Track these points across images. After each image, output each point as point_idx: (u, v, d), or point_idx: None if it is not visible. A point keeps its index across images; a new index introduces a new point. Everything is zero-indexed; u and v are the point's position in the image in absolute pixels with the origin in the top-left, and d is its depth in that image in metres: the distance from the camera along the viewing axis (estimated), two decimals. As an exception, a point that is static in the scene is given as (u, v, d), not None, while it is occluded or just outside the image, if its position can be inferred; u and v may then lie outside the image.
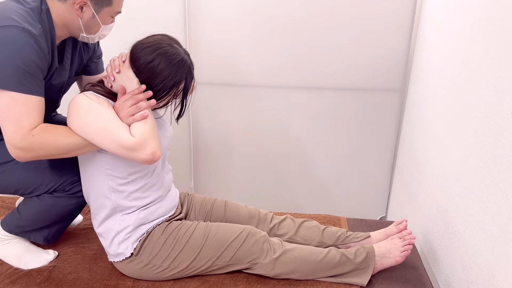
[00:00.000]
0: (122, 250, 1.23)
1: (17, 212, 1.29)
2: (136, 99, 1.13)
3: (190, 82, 1.22)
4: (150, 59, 1.14)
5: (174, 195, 1.38)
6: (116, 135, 1.09)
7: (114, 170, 1.19)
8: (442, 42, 1.51)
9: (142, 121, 1.12)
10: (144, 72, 1.15)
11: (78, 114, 1.11)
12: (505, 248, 0.99)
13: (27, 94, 1.06)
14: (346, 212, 2.21)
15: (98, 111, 1.11)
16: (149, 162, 1.11)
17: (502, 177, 1.02)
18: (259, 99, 2.08)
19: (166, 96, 1.19)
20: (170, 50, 1.16)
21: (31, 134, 1.07)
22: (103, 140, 1.10)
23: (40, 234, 1.34)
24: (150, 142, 1.10)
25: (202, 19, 1.96)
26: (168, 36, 1.21)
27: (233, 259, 1.26)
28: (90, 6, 1.15)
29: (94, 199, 1.24)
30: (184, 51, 1.21)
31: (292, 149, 2.15)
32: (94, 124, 1.10)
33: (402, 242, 1.33)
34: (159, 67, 1.14)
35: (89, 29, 1.21)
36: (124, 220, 1.23)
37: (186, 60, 1.19)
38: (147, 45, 1.16)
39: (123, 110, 1.13)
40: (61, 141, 1.10)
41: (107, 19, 1.22)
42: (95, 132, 1.10)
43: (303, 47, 1.95)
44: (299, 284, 1.27)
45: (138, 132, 1.10)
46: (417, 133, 1.75)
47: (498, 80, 1.06)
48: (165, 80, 1.15)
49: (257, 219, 1.43)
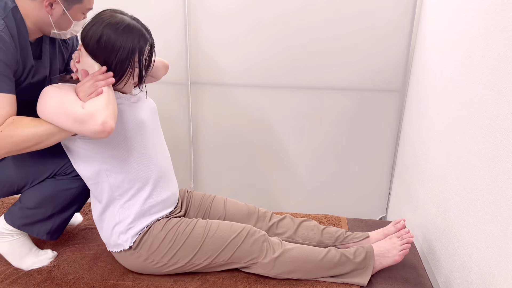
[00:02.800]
0: (121, 242, 1.24)
1: (19, 202, 1.29)
2: (94, 79, 1.12)
3: (145, 45, 1.18)
4: (98, 36, 1.13)
5: (175, 190, 1.38)
6: (68, 109, 1.07)
7: (102, 153, 1.19)
8: (442, 42, 1.51)
9: (97, 96, 1.11)
10: (98, 52, 1.14)
11: (41, 100, 1.11)
12: (505, 248, 0.99)
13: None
14: (346, 212, 2.21)
15: (57, 91, 1.11)
16: (101, 134, 1.06)
17: (502, 177, 1.02)
18: (259, 99, 2.08)
19: (128, 69, 1.17)
20: (113, 20, 1.15)
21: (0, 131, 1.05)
22: (59, 116, 1.07)
23: (44, 226, 1.31)
24: (100, 113, 1.06)
25: (202, 19, 1.96)
26: (109, 9, 1.19)
27: (232, 258, 1.26)
28: (60, 3, 1.15)
29: (94, 187, 1.25)
30: (131, 17, 1.19)
31: (292, 149, 2.15)
32: (52, 104, 1.09)
33: (400, 241, 1.33)
34: (108, 40, 1.13)
35: (60, 25, 1.20)
36: (126, 210, 1.23)
37: (134, 25, 1.16)
38: (91, 24, 1.15)
39: (82, 90, 1.12)
40: (28, 131, 1.07)
41: (78, 15, 1.21)
42: (53, 111, 1.08)
43: (303, 47, 1.95)
44: (299, 284, 1.27)
45: (89, 105, 1.08)
46: (417, 133, 1.75)
47: (498, 80, 1.06)
48: (119, 51, 1.14)
49: (256, 216, 1.43)
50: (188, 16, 1.95)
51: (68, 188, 1.30)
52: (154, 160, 1.29)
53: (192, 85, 2.08)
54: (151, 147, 1.29)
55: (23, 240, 1.33)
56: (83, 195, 1.36)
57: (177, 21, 1.96)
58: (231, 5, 1.92)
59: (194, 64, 2.04)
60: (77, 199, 1.35)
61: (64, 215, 1.35)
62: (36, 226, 1.31)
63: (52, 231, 1.34)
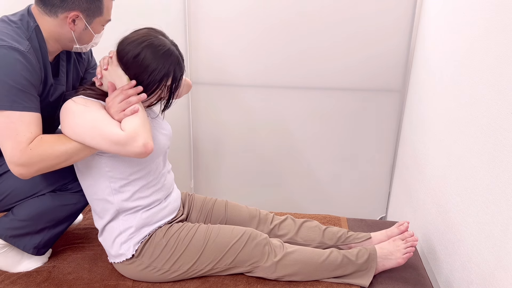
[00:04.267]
0: (123, 251, 1.23)
1: (11, 213, 1.26)
2: (125, 94, 1.12)
3: (179, 74, 1.20)
4: (136, 53, 1.13)
5: (177, 196, 1.37)
6: (106, 132, 1.07)
7: (115, 171, 1.19)
8: (442, 42, 1.51)
9: (132, 115, 1.11)
10: (132, 67, 1.14)
11: (68, 119, 1.11)
12: (505, 248, 0.99)
13: (22, 111, 1.06)
14: (346, 212, 2.21)
15: (86, 111, 1.10)
16: (142, 155, 1.08)
17: (502, 177, 1.02)
18: (259, 99, 2.08)
19: (156, 90, 1.17)
20: (156, 41, 1.15)
21: (28, 148, 1.06)
22: (95, 138, 1.08)
23: (32, 240, 1.27)
24: (141, 134, 1.07)
25: (202, 19, 1.96)
26: (153, 29, 1.20)
27: (234, 262, 1.26)
28: (82, 19, 1.16)
29: (97, 203, 1.24)
30: (171, 42, 1.19)
31: (292, 149, 2.15)
32: (84, 124, 1.09)
33: (404, 244, 1.33)
34: (146, 60, 1.13)
35: (82, 40, 1.21)
36: (127, 221, 1.23)
37: (173, 51, 1.17)
38: (132, 39, 1.15)
39: (113, 106, 1.12)
40: (57, 149, 1.08)
41: (99, 28, 1.22)
42: (86, 132, 1.08)
43: (303, 47, 1.95)
44: (299, 284, 1.27)
45: (127, 126, 1.08)
46: (417, 133, 1.75)
47: (498, 80, 1.06)
48: (153, 73, 1.14)
49: (257, 219, 1.43)
50: (188, 17, 1.95)
51: (66, 204, 1.28)
52: (162, 180, 1.29)
53: (192, 85, 2.08)
54: (161, 167, 1.30)
55: (11, 249, 1.29)
56: (78, 212, 1.34)
57: (177, 22, 1.96)
58: (231, 6, 1.92)
59: (194, 64, 2.04)
60: (72, 216, 1.32)
61: (55, 230, 1.31)
62: (24, 239, 1.27)
63: (40, 246, 1.29)
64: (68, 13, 1.13)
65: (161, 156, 1.29)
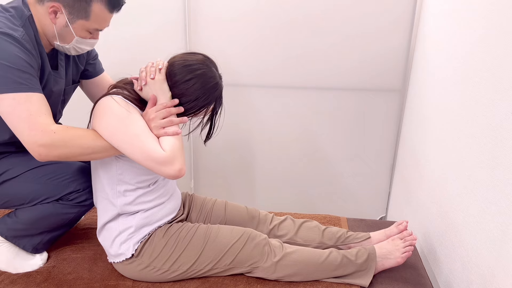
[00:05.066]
0: (123, 251, 1.23)
1: (14, 215, 1.28)
2: (168, 112, 1.13)
3: (219, 105, 1.24)
4: (187, 78, 1.15)
5: (177, 196, 1.38)
6: (146, 146, 1.08)
7: (124, 175, 1.20)
8: (442, 42, 1.51)
9: (173, 136, 1.13)
10: (179, 88, 1.16)
11: (108, 119, 1.11)
12: (505, 248, 0.99)
13: (27, 92, 1.05)
14: (346, 212, 2.21)
15: (131, 119, 1.11)
16: (174, 178, 1.11)
17: (502, 177, 1.02)
18: (258, 99, 2.08)
19: (193, 115, 1.21)
20: (209, 73, 1.18)
21: (52, 131, 1.05)
22: (133, 149, 1.09)
23: (31, 241, 1.30)
24: (178, 159, 1.11)
25: (202, 19, 1.96)
26: (208, 58, 1.22)
27: (233, 263, 1.26)
28: (64, 14, 1.14)
29: (100, 200, 1.25)
30: (219, 76, 1.22)
31: (291, 149, 2.15)
32: (125, 131, 1.09)
33: (403, 243, 1.33)
34: (194, 87, 1.16)
35: (63, 37, 1.18)
36: (127, 221, 1.23)
37: (220, 85, 1.21)
38: (188, 63, 1.17)
39: (154, 120, 1.13)
40: (85, 142, 1.09)
41: (83, 32, 1.18)
42: (125, 140, 1.09)
43: (303, 47, 1.95)
44: (299, 284, 1.27)
45: (169, 147, 1.10)
46: (417, 133, 1.75)
47: (498, 80, 1.06)
48: (197, 100, 1.17)
49: (257, 220, 1.43)
50: (188, 18, 1.95)
51: (67, 212, 1.29)
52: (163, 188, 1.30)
53: (192, 85, 2.08)
54: None
55: (10, 247, 1.31)
56: (77, 220, 1.37)
57: (177, 23, 1.96)
58: (231, 7, 1.92)
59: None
60: (71, 223, 1.35)
61: (54, 233, 1.34)
62: (24, 239, 1.30)
63: (38, 246, 1.33)
64: (51, 3, 1.12)
65: None
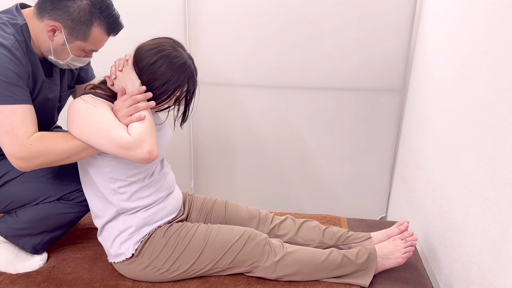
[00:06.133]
0: (123, 251, 1.23)
1: (14, 214, 1.28)
2: (134, 99, 1.12)
3: (193, 87, 1.22)
4: (152, 61, 1.14)
5: (178, 197, 1.37)
6: (113, 135, 1.08)
7: (115, 173, 1.19)
8: (442, 42, 1.51)
9: (139, 122, 1.12)
10: (146, 73, 1.15)
11: (76, 118, 1.11)
12: (505, 248, 0.99)
13: (13, 105, 1.07)
14: (346, 212, 2.21)
15: (95, 112, 1.11)
16: (146, 161, 1.10)
17: (502, 177, 1.02)
18: (259, 99, 2.08)
19: (167, 100, 1.19)
20: (173, 53, 1.16)
21: (28, 143, 1.06)
22: (101, 140, 1.09)
23: (31, 241, 1.30)
24: (146, 141, 1.09)
25: (202, 19, 1.96)
26: (172, 39, 1.21)
27: (233, 262, 1.26)
28: (63, 33, 1.15)
29: (96, 203, 1.24)
30: (188, 56, 1.20)
31: (292, 149, 2.15)
32: (92, 125, 1.10)
33: (404, 243, 1.33)
34: (161, 69, 1.14)
35: (58, 54, 1.20)
36: (127, 220, 1.23)
37: (189, 65, 1.19)
38: (151, 47, 1.16)
39: (121, 110, 1.13)
40: (60, 147, 1.09)
41: (79, 52, 1.21)
42: (93, 133, 1.09)
43: (303, 47, 1.95)
44: (299, 284, 1.27)
45: (134, 131, 1.10)
46: (417, 133, 1.75)
47: (498, 80, 1.06)
48: (167, 83, 1.15)
49: (257, 219, 1.43)
50: (188, 18, 1.95)
51: (67, 212, 1.30)
52: (162, 180, 1.30)
53: (192, 85, 2.08)
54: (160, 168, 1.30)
55: (10, 247, 1.31)
56: (78, 220, 1.37)
57: (177, 23, 1.96)
58: (230, 6, 1.92)
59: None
60: (71, 222, 1.35)
61: (54, 233, 1.34)
62: (23, 239, 1.30)
63: (38, 246, 1.32)
64: (51, 22, 1.14)
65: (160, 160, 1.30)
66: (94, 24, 1.16)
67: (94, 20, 1.15)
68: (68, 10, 1.12)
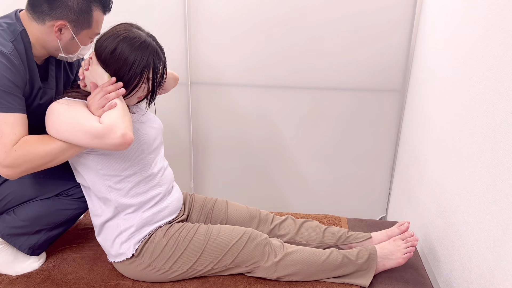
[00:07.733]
0: (123, 251, 1.23)
1: (12, 212, 1.27)
2: (105, 90, 1.12)
3: (159, 64, 1.19)
4: (112, 48, 1.13)
5: (179, 197, 1.37)
6: (85, 126, 1.08)
7: (106, 169, 1.19)
8: (443, 42, 1.51)
9: (110, 109, 1.11)
10: (110, 62, 1.14)
11: (52, 119, 1.11)
12: (505, 248, 0.99)
13: (5, 113, 1.07)
14: (346, 212, 2.21)
15: (68, 110, 1.11)
16: (122, 146, 1.07)
17: (502, 177, 1.02)
18: (259, 99, 2.08)
19: (139, 83, 1.17)
20: (131, 34, 1.15)
21: (13, 150, 1.06)
22: (76, 134, 1.08)
23: (28, 241, 1.29)
24: (118, 125, 1.07)
25: (202, 18, 1.96)
26: (127, 23, 1.20)
27: (234, 263, 1.26)
28: (69, 29, 1.16)
29: (95, 202, 1.24)
30: (148, 34, 1.19)
31: (292, 149, 2.15)
32: (65, 122, 1.09)
33: (404, 244, 1.33)
34: (123, 54, 1.13)
35: (68, 49, 1.22)
36: (128, 220, 1.23)
37: (150, 42, 1.17)
38: (107, 36, 1.16)
39: (93, 103, 1.13)
40: (42, 149, 1.09)
41: (86, 40, 1.23)
42: (68, 129, 1.09)
43: (303, 47, 1.95)
44: (299, 284, 1.27)
45: (105, 118, 1.09)
46: (417, 133, 1.75)
47: (498, 80, 1.06)
48: (132, 66, 1.14)
49: (258, 219, 1.43)
50: (188, 17, 1.95)
51: (66, 208, 1.30)
52: (159, 176, 1.29)
53: (192, 85, 2.08)
54: (157, 165, 1.30)
55: (9, 249, 1.30)
56: (76, 217, 1.36)
57: (177, 22, 1.96)
58: (230, 6, 1.92)
59: (194, 64, 2.04)
60: (70, 220, 1.34)
61: (52, 233, 1.32)
62: (20, 238, 1.28)
63: (35, 247, 1.31)
64: (55, 22, 1.14)
65: (153, 152, 1.29)
66: (93, 8, 1.18)
67: (91, 5, 1.17)
68: (67, 5, 1.13)
